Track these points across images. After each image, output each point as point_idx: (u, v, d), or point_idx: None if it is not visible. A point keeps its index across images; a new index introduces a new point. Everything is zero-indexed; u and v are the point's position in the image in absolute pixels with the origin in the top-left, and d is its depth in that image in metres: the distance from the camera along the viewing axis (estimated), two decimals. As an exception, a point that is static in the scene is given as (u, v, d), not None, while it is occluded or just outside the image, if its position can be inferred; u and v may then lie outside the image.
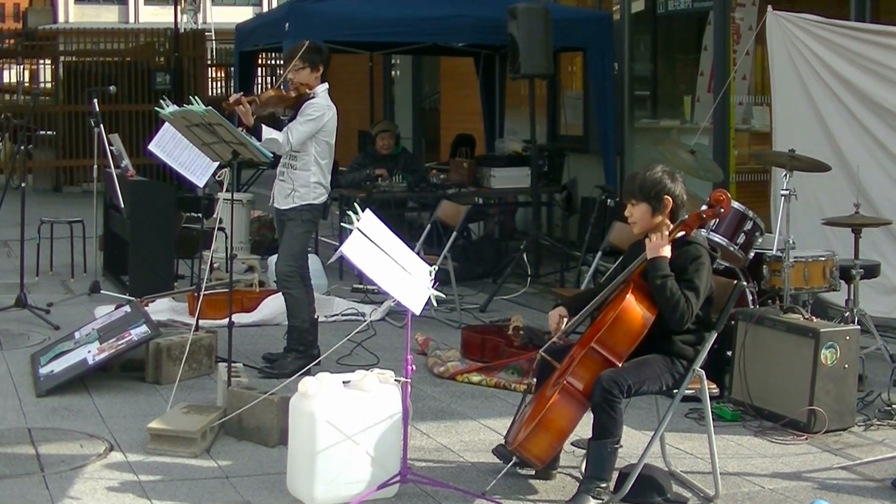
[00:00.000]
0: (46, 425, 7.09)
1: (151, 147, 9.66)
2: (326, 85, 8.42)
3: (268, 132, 8.02)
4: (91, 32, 24.00)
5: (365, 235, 5.61)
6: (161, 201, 11.14)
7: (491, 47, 14.56)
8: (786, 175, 8.24)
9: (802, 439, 7.00)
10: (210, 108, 7.28)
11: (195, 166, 9.51)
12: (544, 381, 6.10)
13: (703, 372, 5.93)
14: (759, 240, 8.25)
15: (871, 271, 8.74)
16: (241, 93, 7.95)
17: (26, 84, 27.44)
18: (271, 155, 7.91)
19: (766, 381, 7.37)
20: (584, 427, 5.89)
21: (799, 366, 7.19)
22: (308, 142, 8.23)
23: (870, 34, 9.45)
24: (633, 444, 6.53)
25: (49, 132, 22.27)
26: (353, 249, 5.50)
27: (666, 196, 5.98)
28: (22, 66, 27.83)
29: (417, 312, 5.67)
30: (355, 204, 6.09)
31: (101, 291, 11.02)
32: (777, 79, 10.02)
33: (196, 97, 7.50)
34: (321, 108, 8.26)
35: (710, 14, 12.10)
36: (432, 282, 5.90)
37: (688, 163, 9.08)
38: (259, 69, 18.30)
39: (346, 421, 5.77)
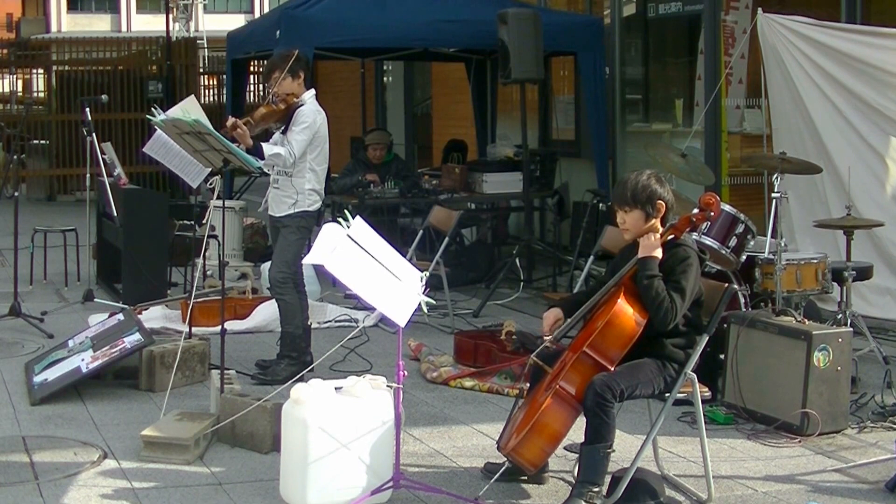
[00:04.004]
0: (40, 433, 7.09)
1: (146, 150, 9.67)
2: (313, 91, 8.46)
3: (269, 148, 8.05)
4: (83, 41, 23.99)
5: (355, 242, 5.62)
6: (154, 209, 11.12)
7: (482, 52, 14.58)
8: (777, 177, 8.25)
9: (795, 442, 7.00)
10: (198, 119, 7.29)
11: (188, 169, 9.52)
12: (536, 385, 6.11)
13: (694, 375, 5.93)
14: (751, 243, 8.25)
15: (864, 273, 8.74)
16: (235, 118, 7.96)
17: (19, 94, 27.41)
18: (259, 164, 7.94)
19: (758, 384, 7.37)
20: (577, 431, 5.89)
21: (792, 368, 7.18)
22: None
23: (860, 35, 9.47)
24: (625, 448, 6.54)
25: (42, 141, 22.29)
26: (336, 261, 5.49)
27: (659, 201, 5.98)
28: (15, 76, 27.80)
29: (402, 325, 5.66)
30: (346, 210, 6.08)
31: (95, 300, 11.02)
32: (771, 81, 10.04)
33: (187, 110, 7.52)
34: (312, 113, 8.29)
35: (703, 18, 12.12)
36: (423, 288, 5.90)
37: (679, 166, 9.09)
38: (251, 77, 18.29)
39: (339, 427, 5.76)
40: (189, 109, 7.48)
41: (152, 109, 7.58)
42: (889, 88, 9.22)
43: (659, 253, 5.88)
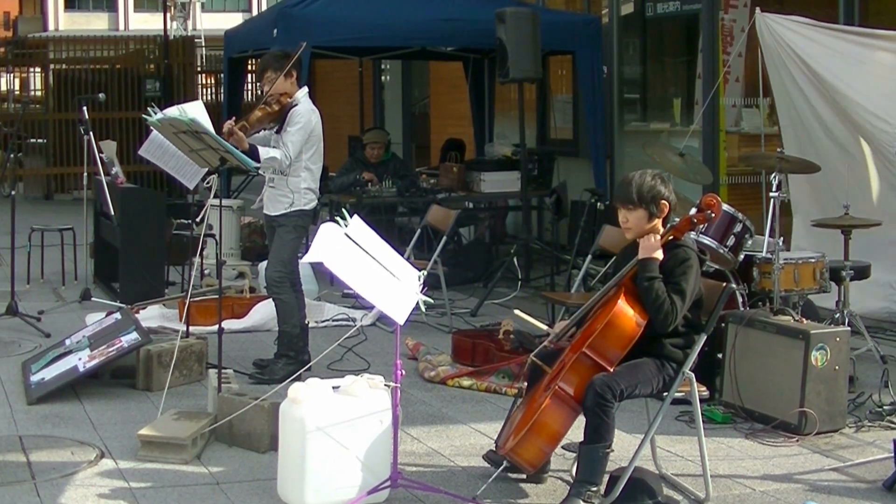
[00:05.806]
0: (37, 433, 7.07)
1: (141, 152, 9.66)
2: (306, 89, 8.47)
3: (265, 152, 8.06)
4: (81, 40, 24.01)
5: (353, 241, 5.61)
6: (151, 208, 11.12)
7: (480, 51, 14.58)
8: (775, 177, 8.24)
9: (793, 441, 7.00)
10: (194, 118, 7.29)
11: (184, 171, 9.51)
12: (535, 385, 6.10)
13: (692, 374, 5.93)
14: (749, 242, 8.24)
15: (862, 272, 8.74)
16: (231, 122, 7.96)
17: (16, 92, 27.35)
18: (256, 164, 7.93)
19: (756, 384, 7.37)
20: (576, 430, 5.88)
21: (789, 368, 7.18)
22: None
23: (858, 36, 9.46)
24: (623, 447, 6.53)
25: (39, 140, 22.28)
26: (335, 259, 5.48)
27: (662, 201, 5.97)
28: (12, 75, 27.75)
29: (401, 322, 5.65)
30: (344, 210, 6.08)
31: (92, 299, 11.02)
32: (773, 80, 10.03)
33: (184, 110, 7.51)
34: (306, 112, 8.29)
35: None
36: (421, 287, 5.90)
37: (677, 165, 9.09)
38: (248, 75, 18.29)
39: (336, 426, 5.76)
40: (188, 110, 7.47)
41: (149, 109, 7.57)
42: (883, 91, 9.20)
43: (659, 254, 5.87)
